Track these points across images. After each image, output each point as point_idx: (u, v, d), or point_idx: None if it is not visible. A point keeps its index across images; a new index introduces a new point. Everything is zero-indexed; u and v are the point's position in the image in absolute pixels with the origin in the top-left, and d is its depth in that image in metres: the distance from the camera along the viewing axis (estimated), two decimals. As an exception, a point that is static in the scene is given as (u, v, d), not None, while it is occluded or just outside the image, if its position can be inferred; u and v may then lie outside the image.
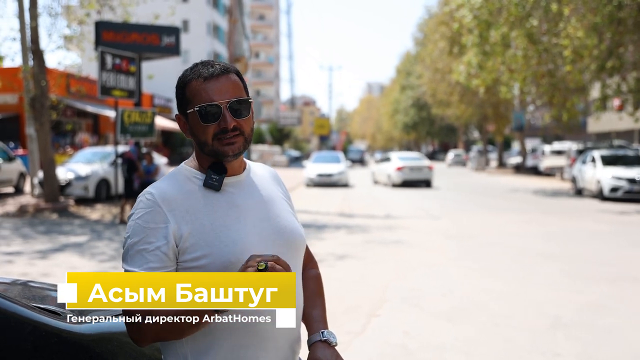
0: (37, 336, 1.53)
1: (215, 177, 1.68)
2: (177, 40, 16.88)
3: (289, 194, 1.93)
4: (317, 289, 1.94)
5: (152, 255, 1.57)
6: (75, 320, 1.74)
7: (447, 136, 70.46)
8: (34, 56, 15.58)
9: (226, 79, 1.67)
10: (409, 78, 64.42)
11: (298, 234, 1.79)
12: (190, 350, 1.63)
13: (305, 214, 15.32)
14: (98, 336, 1.73)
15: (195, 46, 61.74)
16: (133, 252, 1.58)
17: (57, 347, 1.57)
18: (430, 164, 26.38)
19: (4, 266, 8.56)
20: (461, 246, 10.30)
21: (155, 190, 1.65)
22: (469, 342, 5.22)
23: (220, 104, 1.64)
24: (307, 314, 1.86)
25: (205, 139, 1.66)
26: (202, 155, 1.72)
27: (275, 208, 1.77)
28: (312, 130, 70.33)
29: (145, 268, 1.56)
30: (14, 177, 19.24)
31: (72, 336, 1.63)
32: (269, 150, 49.05)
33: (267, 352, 1.67)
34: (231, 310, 1.58)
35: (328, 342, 1.78)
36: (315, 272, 1.99)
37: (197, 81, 1.66)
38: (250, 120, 1.71)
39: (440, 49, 37.60)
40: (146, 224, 1.60)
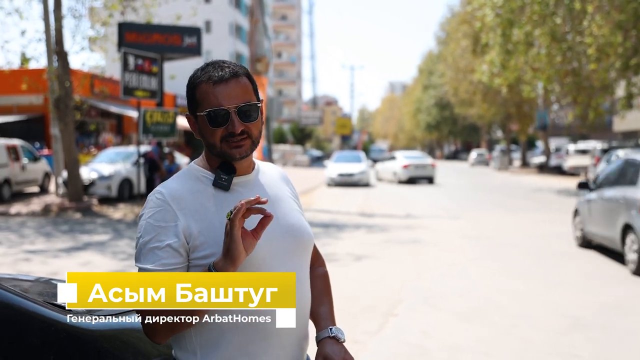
0: (46, 331, 1.57)
1: (224, 177, 1.70)
2: (199, 40, 17.00)
3: (297, 193, 1.95)
4: (325, 286, 1.96)
5: (164, 252, 1.60)
6: (84, 317, 1.77)
7: (469, 135, 69.98)
8: (58, 57, 15.80)
9: (236, 83, 1.68)
10: (431, 77, 64.11)
11: (306, 233, 1.80)
12: (199, 346, 1.66)
13: (325, 213, 15.33)
14: (106, 332, 1.76)
15: (217, 47, 62.07)
16: (146, 250, 1.62)
17: (65, 342, 1.60)
18: (433, 162, 28.33)
19: (21, 264, 8.70)
20: (480, 246, 10.24)
21: (165, 189, 1.68)
22: (486, 343, 5.19)
23: (228, 108, 1.66)
24: (315, 311, 1.88)
25: (214, 141, 1.68)
26: (211, 155, 1.74)
27: (283, 207, 1.79)
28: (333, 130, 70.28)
29: (158, 264, 1.59)
30: (39, 176, 19.52)
31: (80, 332, 1.66)
32: (290, 150, 49.15)
33: (274, 348, 1.69)
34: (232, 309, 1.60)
35: (336, 338, 1.81)
36: (323, 270, 2.01)
37: (206, 84, 1.68)
38: (258, 124, 1.73)
39: (463, 48, 37.38)
40: (157, 223, 1.62)
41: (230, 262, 1.51)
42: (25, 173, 18.45)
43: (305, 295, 1.77)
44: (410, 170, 27.26)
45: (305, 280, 1.78)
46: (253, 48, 18.12)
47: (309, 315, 1.83)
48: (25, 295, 1.61)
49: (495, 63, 23.71)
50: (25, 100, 21.89)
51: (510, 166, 44.13)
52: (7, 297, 1.54)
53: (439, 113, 65.41)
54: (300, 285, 1.75)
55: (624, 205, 8.11)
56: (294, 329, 1.72)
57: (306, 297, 1.78)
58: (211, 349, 1.65)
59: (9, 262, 8.83)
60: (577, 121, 30.76)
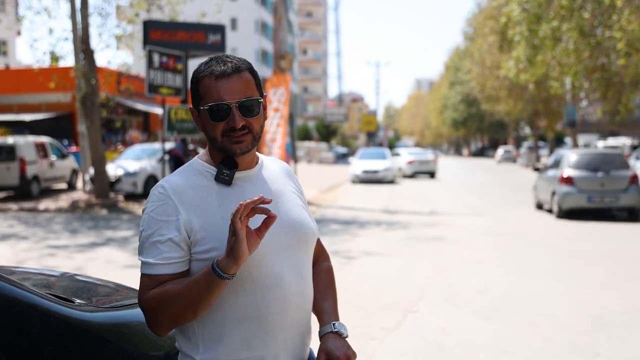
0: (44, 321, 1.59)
1: (226, 171, 1.70)
2: (223, 38, 17.07)
3: (301, 188, 1.94)
4: (329, 281, 1.95)
5: (166, 246, 1.61)
6: (87, 309, 1.79)
7: (497, 132, 69.29)
8: (84, 55, 16.01)
9: (237, 78, 1.68)
10: (458, 74, 63.59)
11: (308, 228, 1.79)
12: (202, 339, 1.66)
13: (348, 210, 15.31)
14: (108, 324, 1.77)
15: (243, 44, 62.34)
16: (148, 244, 1.63)
17: (65, 332, 1.61)
18: (435, 158, 31.20)
19: (46, 259, 8.84)
20: (504, 244, 10.13)
21: (167, 184, 1.68)
22: (505, 341, 5.13)
23: (230, 103, 1.65)
24: (318, 306, 1.88)
25: (215, 135, 1.68)
26: (214, 150, 1.74)
27: (286, 202, 1.79)
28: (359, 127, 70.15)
29: (159, 258, 1.61)
30: (67, 173, 19.81)
31: (81, 323, 1.68)
32: (315, 147, 49.16)
33: (276, 342, 1.68)
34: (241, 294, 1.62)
35: (339, 333, 1.80)
36: (327, 265, 2.00)
37: (209, 79, 1.68)
38: (260, 119, 1.72)
39: (489, 44, 37.00)
40: (159, 217, 1.63)
41: (234, 261, 1.51)
42: (54, 170, 18.74)
43: (306, 290, 1.76)
44: (415, 165, 29.48)
45: (306, 275, 1.77)
46: (277, 45, 18.15)
47: (311, 310, 1.82)
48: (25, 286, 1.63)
49: (522, 59, 23.41)
50: (53, 98, 22.25)
51: (537, 163, 43.60)
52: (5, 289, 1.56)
53: (465, 109, 64.87)
54: (302, 280, 1.74)
55: (553, 179, 13.86)
56: (296, 324, 1.72)
57: (308, 292, 1.77)
58: (213, 342, 1.65)
59: (35, 256, 8.98)
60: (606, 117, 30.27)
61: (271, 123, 16.33)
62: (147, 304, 1.60)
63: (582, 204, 13.14)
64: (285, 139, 16.66)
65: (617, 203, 13.11)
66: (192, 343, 1.67)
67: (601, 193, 13.04)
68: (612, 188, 13.07)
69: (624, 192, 13.00)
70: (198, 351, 1.66)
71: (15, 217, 14.14)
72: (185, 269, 1.64)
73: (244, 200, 1.52)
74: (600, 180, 13.11)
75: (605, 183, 13.08)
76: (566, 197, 13.21)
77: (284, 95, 16.39)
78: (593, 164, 13.47)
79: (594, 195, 13.03)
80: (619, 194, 13.01)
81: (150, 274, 1.62)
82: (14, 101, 29.47)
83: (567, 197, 13.20)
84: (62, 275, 2.45)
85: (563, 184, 13.31)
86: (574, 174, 13.29)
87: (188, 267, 1.65)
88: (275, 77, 16.94)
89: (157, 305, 1.58)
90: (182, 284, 1.57)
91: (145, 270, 1.63)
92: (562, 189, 13.30)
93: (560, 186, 13.35)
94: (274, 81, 16.76)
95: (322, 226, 12.29)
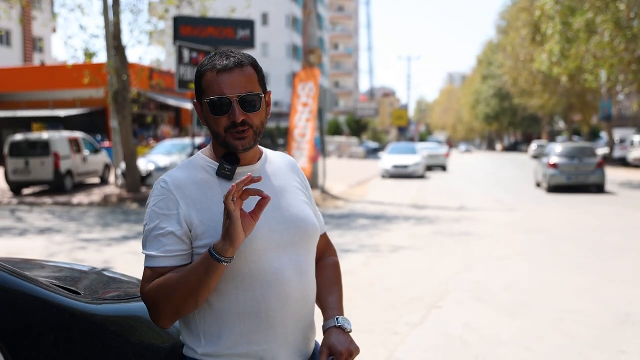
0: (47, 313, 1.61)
1: (227, 166, 1.70)
2: (252, 33, 17.16)
3: (307, 183, 1.94)
4: (335, 276, 1.95)
5: (168, 239, 1.63)
6: (93, 300, 1.82)
7: (530, 127, 68.40)
8: (116, 52, 16.23)
9: (239, 72, 1.68)
10: (491, 67, 62.85)
11: (310, 224, 1.79)
12: (204, 333, 1.68)
13: (377, 205, 15.28)
14: (113, 316, 1.79)
15: (274, 39, 62.51)
16: (150, 237, 1.65)
17: (68, 323, 1.64)
18: (445, 152, 33.79)
19: (77, 252, 9.01)
20: (533, 239, 10.01)
21: (169, 178, 1.70)
22: (529, 337, 5.07)
23: (230, 97, 1.66)
24: (323, 300, 1.88)
25: (218, 130, 1.69)
26: (217, 144, 1.75)
27: (288, 197, 1.78)
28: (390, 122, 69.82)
29: (162, 251, 1.63)
30: (100, 168, 20.14)
31: (84, 314, 1.70)
32: (345, 141, 49.08)
33: (276, 337, 1.69)
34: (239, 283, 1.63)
35: (342, 328, 1.79)
36: (333, 259, 2.00)
37: (211, 72, 1.69)
38: (260, 114, 1.72)
39: (523, 37, 36.48)
40: (160, 210, 1.66)
41: (230, 243, 1.51)
42: (87, 164, 19.06)
43: (308, 285, 1.77)
44: (426, 159, 29.76)
45: (308, 271, 1.77)
46: (306, 40, 18.14)
47: (313, 305, 1.83)
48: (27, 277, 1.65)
49: (555, 52, 23.04)
50: (87, 94, 22.61)
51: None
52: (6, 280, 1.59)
53: (498, 104, 64.13)
54: (303, 276, 1.74)
55: (544, 165, 18.52)
56: (298, 319, 1.73)
57: (309, 287, 1.78)
58: (214, 336, 1.67)
59: (67, 249, 9.16)
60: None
61: (300, 118, 16.35)
62: (149, 296, 1.62)
63: (562, 182, 18.04)
64: (314, 133, 16.65)
65: (587, 181, 18.06)
66: (195, 336, 1.70)
67: (576, 174, 18.00)
68: (584, 170, 18.02)
69: (593, 173, 18.02)
70: (200, 344, 1.68)
71: (50, 210, 14.43)
72: (187, 262, 1.65)
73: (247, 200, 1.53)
74: (575, 165, 18.04)
75: (579, 167, 18.02)
76: (552, 177, 18.14)
77: (312, 90, 16.38)
78: (571, 154, 18.36)
79: (571, 175, 17.99)
80: (589, 174, 18.03)
81: (152, 267, 1.64)
82: (49, 97, 30.05)
83: (553, 177, 18.14)
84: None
85: (550, 168, 18.20)
86: (557, 160, 18.15)
87: (190, 260, 1.66)
88: (303, 72, 16.95)
89: (158, 296, 1.60)
90: (181, 272, 1.59)
91: (148, 263, 1.65)
92: (549, 171, 18.23)
93: (548, 169, 18.25)
94: (303, 76, 16.76)
95: (350, 221, 12.28)
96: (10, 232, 11.04)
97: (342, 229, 11.09)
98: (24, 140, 17.58)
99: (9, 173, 17.18)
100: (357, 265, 7.98)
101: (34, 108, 30.04)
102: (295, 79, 17.02)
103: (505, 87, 52.58)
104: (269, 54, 62.28)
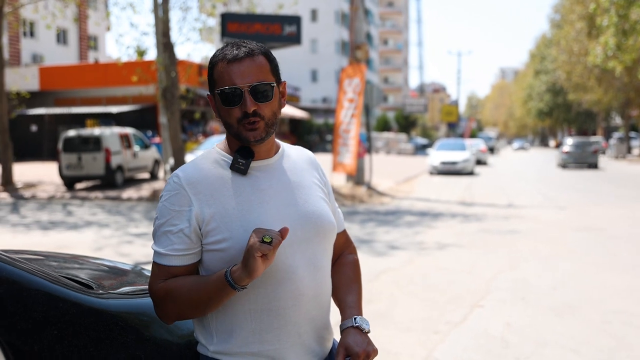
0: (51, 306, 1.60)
1: (241, 160, 1.66)
2: (299, 29, 17.18)
3: (326, 179, 1.88)
4: (354, 274, 1.90)
5: (176, 237, 1.61)
6: (104, 295, 1.80)
7: (585, 123, 66.54)
8: (165, 49, 16.45)
9: (250, 62, 1.64)
10: (544, 62, 61.44)
11: (326, 220, 1.73)
12: (216, 331, 1.66)
13: (423, 202, 15.10)
14: (124, 311, 1.77)
15: (323, 35, 62.55)
16: (160, 233, 1.63)
17: (75, 318, 1.63)
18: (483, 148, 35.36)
19: (124, 246, 9.16)
20: (583, 238, 9.71)
21: (182, 173, 1.66)
22: (574, 339, 4.90)
23: (241, 87, 1.62)
24: (341, 299, 1.83)
25: (230, 121, 1.65)
26: (231, 137, 1.72)
27: (304, 193, 1.73)
28: (440, 118, 69.02)
29: (169, 249, 1.61)
30: (149, 163, 20.50)
31: (92, 309, 1.69)
32: (394, 137, 48.69)
33: (289, 336, 1.65)
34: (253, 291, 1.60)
35: (360, 328, 1.73)
36: (353, 257, 1.94)
37: (222, 63, 1.65)
38: (272, 105, 1.67)
39: (577, 30, 35.53)
40: (172, 206, 1.63)
41: (247, 274, 1.49)
42: (137, 160, 19.42)
43: (322, 284, 1.72)
44: None
45: (323, 268, 1.72)
46: (352, 35, 18.05)
47: (329, 304, 1.78)
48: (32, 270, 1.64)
49: (610, 45, 22.34)
50: (138, 91, 23.06)
51: (628, 155, 41.59)
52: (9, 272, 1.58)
53: (551, 99, 62.61)
54: (318, 274, 1.69)
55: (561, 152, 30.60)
56: (311, 318, 1.69)
57: (324, 286, 1.73)
58: (226, 334, 1.64)
59: (114, 243, 9.33)
60: None
61: (346, 114, 16.27)
62: (157, 295, 1.61)
63: (570, 162, 29.33)
64: (359, 129, 16.56)
65: (586, 161, 28.91)
66: (207, 334, 1.67)
67: (580, 157, 28.98)
68: (585, 155, 28.85)
69: (590, 157, 28.79)
70: (212, 342, 1.66)
71: (99, 205, 14.76)
72: (195, 260, 1.64)
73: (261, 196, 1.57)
74: (579, 152, 28.98)
75: (582, 153, 28.86)
76: (564, 159, 29.61)
77: (358, 85, 16.28)
78: (577, 144, 29.37)
79: (577, 158, 29.08)
80: (587, 157, 28.83)
81: (161, 264, 1.63)
82: (102, 94, 30.79)
83: (564, 159, 29.60)
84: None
85: (563, 154, 29.69)
86: (568, 149, 29.46)
87: (199, 258, 1.64)
88: (350, 68, 16.86)
89: (166, 298, 1.60)
90: (193, 284, 1.58)
91: (157, 259, 1.64)
92: (562, 156, 29.77)
93: (562, 154, 29.80)
94: (349, 72, 16.68)
95: (396, 218, 12.17)
96: (61, 225, 11.32)
97: (388, 226, 10.99)
98: (77, 136, 18.02)
99: (63, 168, 17.65)
100: (401, 262, 7.88)
101: (88, 105, 30.84)
102: (342, 75, 16.95)
103: (559, 82, 51.34)
104: (318, 50, 62.34)
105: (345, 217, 12.22)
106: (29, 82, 28.18)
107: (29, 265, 1.67)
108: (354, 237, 9.82)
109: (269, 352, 1.63)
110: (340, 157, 16.21)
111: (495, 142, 60.35)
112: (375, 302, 6.00)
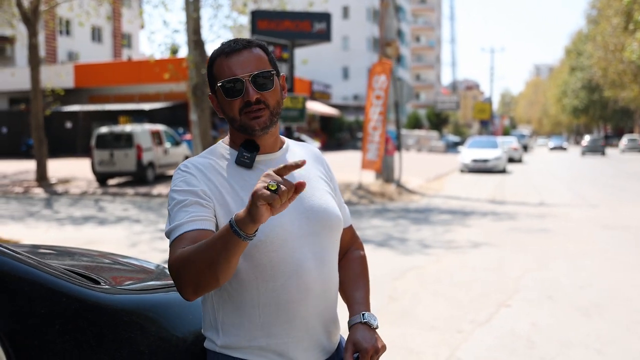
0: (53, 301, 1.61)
1: (246, 154, 1.66)
2: (329, 26, 17.13)
3: (332, 175, 1.87)
4: (361, 270, 1.89)
5: (193, 207, 1.56)
6: (110, 290, 1.81)
7: (621, 120, 65.33)
8: (196, 46, 16.59)
9: (248, 53, 1.65)
10: (580, 59, 60.39)
11: (333, 214, 1.73)
12: (222, 324, 1.66)
13: (454, 200, 14.98)
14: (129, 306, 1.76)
15: (355, 32, 62.39)
16: (174, 212, 1.58)
17: (78, 313, 1.64)
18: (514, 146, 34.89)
19: (156, 241, 9.26)
20: (614, 237, 9.52)
21: (190, 163, 1.68)
22: (601, 339, 4.81)
23: (242, 77, 1.62)
24: (349, 295, 1.82)
25: (233, 114, 1.65)
26: (235, 132, 1.72)
27: (310, 187, 1.72)
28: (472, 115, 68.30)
29: (189, 217, 1.54)
30: (180, 160, 20.68)
31: (97, 304, 1.69)
32: (425, 135, 48.35)
33: (297, 331, 1.64)
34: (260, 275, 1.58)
35: (368, 324, 1.73)
36: (360, 253, 1.93)
37: (220, 58, 1.66)
38: (275, 94, 1.67)
39: (614, 26, 34.83)
40: (183, 188, 1.60)
41: (251, 220, 1.36)
42: (168, 156, 19.63)
43: (330, 278, 1.71)
44: None
45: (329, 263, 1.71)
46: (382, 32, 17.97)
47: (336, 298, 1.77)
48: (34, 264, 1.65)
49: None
50: (170, 88, 23.31)
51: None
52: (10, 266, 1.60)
53: (587, 96, 61.57)
54: (325, 268, 1.68)
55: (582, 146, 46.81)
56: (319, 313, 1.68)
57: (331, 280, 1.72)
58: (233, 327, 1.64)
59: (146, 239, 9.44)
60: None
61: (374, 111, 16.21)
62: (172, 267, 1.50)
63: (587, 151, 43.94)
64: (386, 126, 16.47)
65: (597, 152, 43.38)
66: (214, 328, 1.67)
67: (593, 150, 43.80)
68: (595, 149, 43.69)
69: (599, 148, 43.66)
70: (219, 336, 1.66)
71: (131, 201, 14.96)
72: (210, 227, 1.57)
73: None
74: (592, 146, 44.01)
75: (594, 147, 43.80)
76: (583, 150, 44.43)
77: (385, 82, 16.21)
78: (591, 141, 44.55)
79: (591, 151, 43.85)
80: (598, 148, 43.67)
81: (179, 234, 1.53)
82: (135, 91, 31.19)
83: (583, 150, 44.43)
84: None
85: (583, 147, 44.71)
86: (585, 144, 44.83)
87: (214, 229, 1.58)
88: (379, 65, 16.79)
89: (179, 266, 1.47)
90: (202, 243, 1.45)
91: (175, 233, 1.55)
92: (582, 148, 44.80)
93: (582, 147, 44.77)
94: (378, 69, 16.61)
95: (425, 216, 12.09)
96: (93, 220, 11.50)
97: (417, 224, 10.93)
98: (109, 133, 18.29)
99: (95, 164, 17.93)
100: (429, 260, 7.83)
101: (121, 102, 31.26)
102: (371, 72, 16.89)
103: (595, 79, 50.42)
104: (349, 47, 62.21)
105: (376, 215, 12.18)
106: (64, 79, 28.66)
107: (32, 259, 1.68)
108: (386, 234, 9.78)
109: (277, 346, 1.63)
110: (369, 155, 16.16)
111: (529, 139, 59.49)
112: (399, 300, 5.97)
